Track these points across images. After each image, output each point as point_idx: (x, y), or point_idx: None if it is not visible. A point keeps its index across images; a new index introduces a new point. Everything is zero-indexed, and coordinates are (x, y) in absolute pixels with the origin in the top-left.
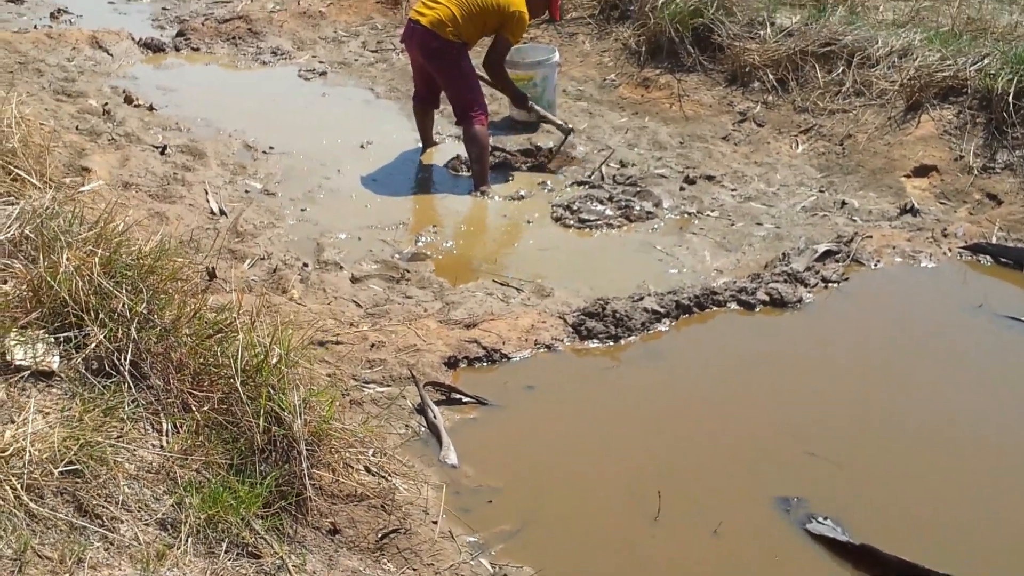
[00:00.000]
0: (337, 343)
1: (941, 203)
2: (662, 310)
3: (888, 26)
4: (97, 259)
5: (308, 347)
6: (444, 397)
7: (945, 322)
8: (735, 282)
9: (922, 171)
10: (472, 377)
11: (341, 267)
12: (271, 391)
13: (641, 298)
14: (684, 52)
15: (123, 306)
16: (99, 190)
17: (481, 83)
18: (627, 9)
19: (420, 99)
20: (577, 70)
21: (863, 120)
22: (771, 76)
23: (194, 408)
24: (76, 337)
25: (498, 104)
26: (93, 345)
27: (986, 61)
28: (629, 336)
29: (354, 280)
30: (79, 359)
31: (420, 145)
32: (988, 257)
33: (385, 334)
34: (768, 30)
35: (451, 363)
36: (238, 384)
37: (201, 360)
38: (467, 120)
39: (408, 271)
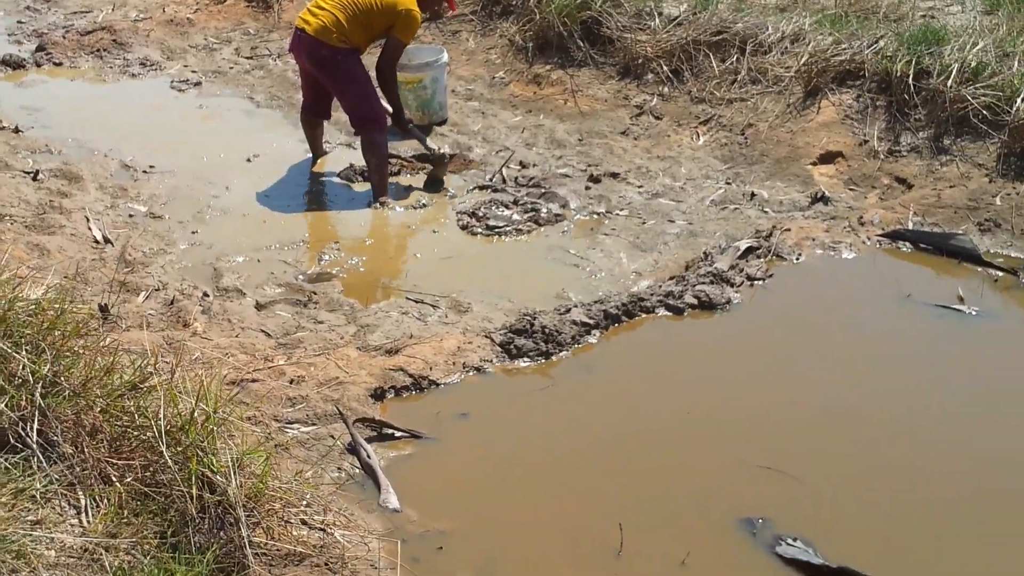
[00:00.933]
0: (253, 381)
1: (850, 189)
2: (591, 321)
3: (773, 11)
4: None
5: (230, 396)
6: (375, 433)
7: (878, 315)
8: (660, 286)
9: (828, 158)
10: (401, 408)
11: (243, 293)
12: (200, 453)
13: (568, 310)
14: (574, 46)
15: (24, 369)
16: None
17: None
18: (510, 4)
19: (309, 110)
20: (464, 69)
21: (762, 108)
22: (665, 67)
23: (115, 479)
24: None
25: None
26: None
27: (881, 43)
28: (560, 351)
29: (259, 307)
30: None
31: (310, 156)
32: (907, 243)
33: (303, 367)
34: (657, 20)
35: (378, 395)
36: (163, 449)
37: (118, 423)
38: (363, 129)
39: (315, 293)
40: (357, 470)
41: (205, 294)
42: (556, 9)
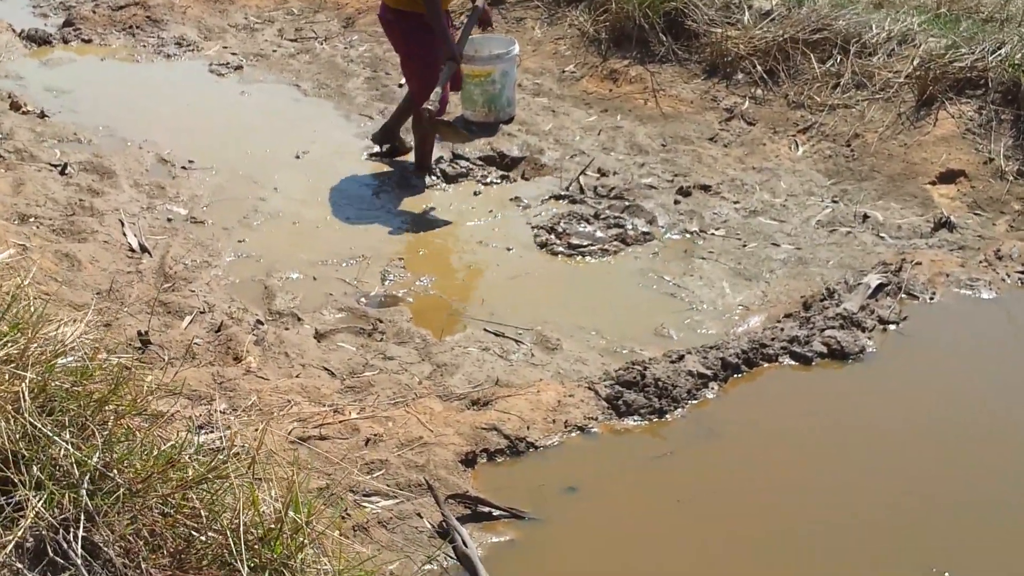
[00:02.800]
0: (322, 439)
1: (976, 214)
2: (709, 372)
3: (866, 8)
4: (25, 385)
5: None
6: (470, 511)
7: None
8: (781, 329)
9: (948, 177)
10: (496, 476)
11: (299, 319)
12: (286, 572)
13: (681, 357)
14: (655, 40)
15: (67, 457)
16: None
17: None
18: None
19: None
20: (531, 61)
21: (869, 117)
22: (758, 67)
23: None
24: (2, 507)
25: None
26: (29, 520)
27: (1005, 49)
28: (675, 409)
29: (319, 337)
30: (9, 541)
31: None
32: None
33: (379, 422)
34: (747, 14)
35: (468, 460)
36: (243, 569)
37: (181, 527)
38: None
39: (380, 321)
40: (451, 560)
41: (259, 321)
42: None
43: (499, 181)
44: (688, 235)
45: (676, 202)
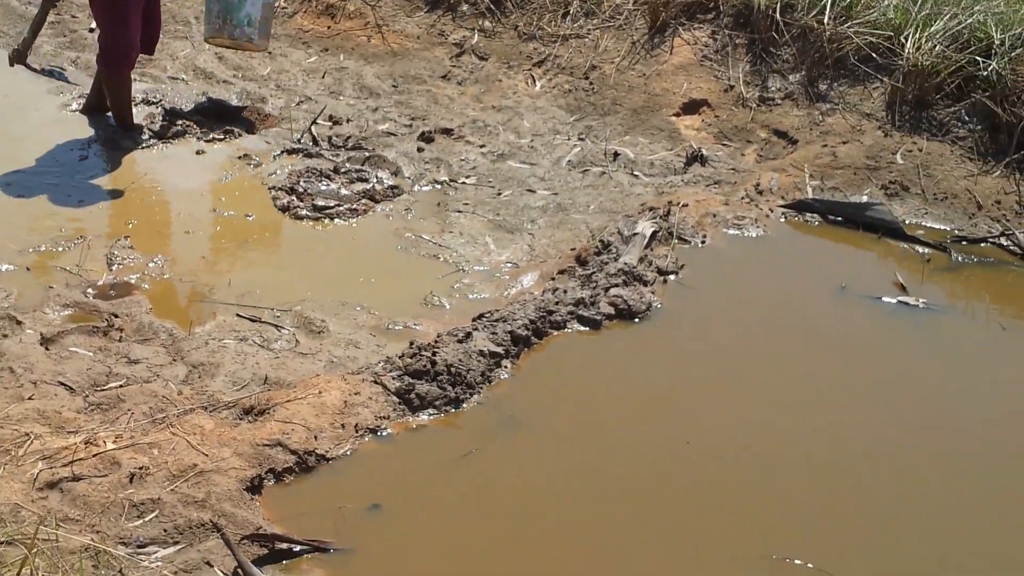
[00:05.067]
0: (76, 480)
1: (724, 145)
2: (500, 350)
3: None
4: None
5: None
6: (267, 550)
7: (822, 318)
8: (565, 292)
9: (692, 107)
10: (288, 500)
11: (19, 322)
12: None
13: (469, 335)
14: None
15: None
16: None
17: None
18: None
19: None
20: None
21: (604, 47)
22: None
23: None
24: None
25: None
26: None
27: None
28: (471, 395)
29: (46, 343)
30: None
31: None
32: (815, 215)
33: (142, 450)
34: None
35: (255, 486)
36: None
37: None
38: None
39: (116, 316)
40: None
41: None
42: None
43: (222, 137)
44: (438, 186)
45: (420, 150)
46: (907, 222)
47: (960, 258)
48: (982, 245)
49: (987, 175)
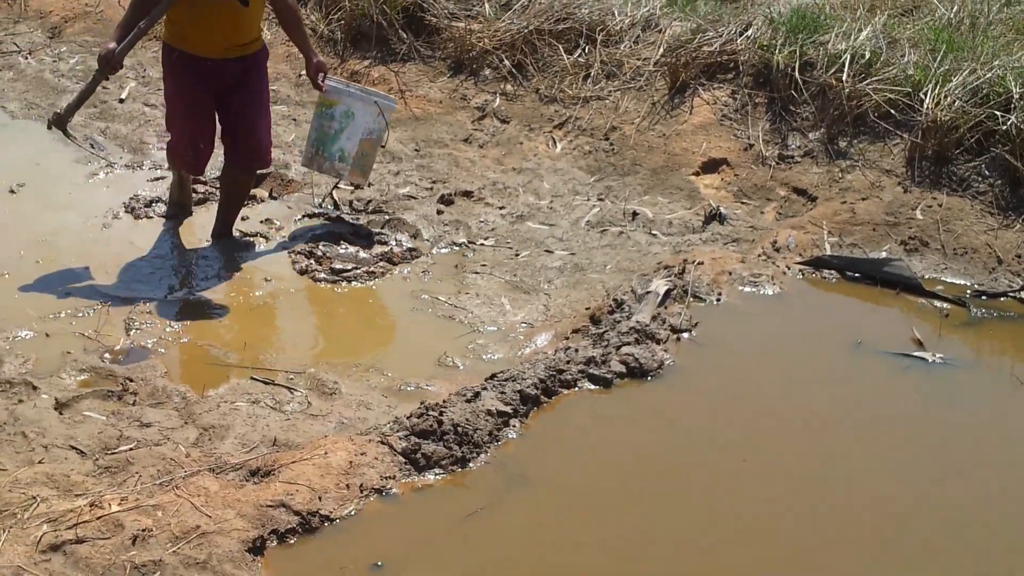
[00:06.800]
0: (79, 542)
1: (743, 203)
2: (508, 409)
3: None
4: None
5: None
6: None
7: (838, 373)
8: (576, 350)
9: (711, 166)
10: (291, 561)
11: (35, 387)
12: None
13: (477, 395)
14: (395, 37)
15: None
16: None
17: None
18: None
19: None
20: None
21: (624, 108)
22: (505, 61)
23: None
24: None
25: None
26: None
27: (752, 30)
28: (478, 455)
29: (60, 407)
30: None
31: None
32: (833, 271)
33: (146, 512)
34: (487, 5)
35: (257, 547)
36: None
37: None
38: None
39: (131, 379)
40: None
41: None
42: None
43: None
44: (457, 247)
45: (439, 212)
46: (926, 277)
47: (979, 313)
48: (1002, 299)
49: (1007, 229)
